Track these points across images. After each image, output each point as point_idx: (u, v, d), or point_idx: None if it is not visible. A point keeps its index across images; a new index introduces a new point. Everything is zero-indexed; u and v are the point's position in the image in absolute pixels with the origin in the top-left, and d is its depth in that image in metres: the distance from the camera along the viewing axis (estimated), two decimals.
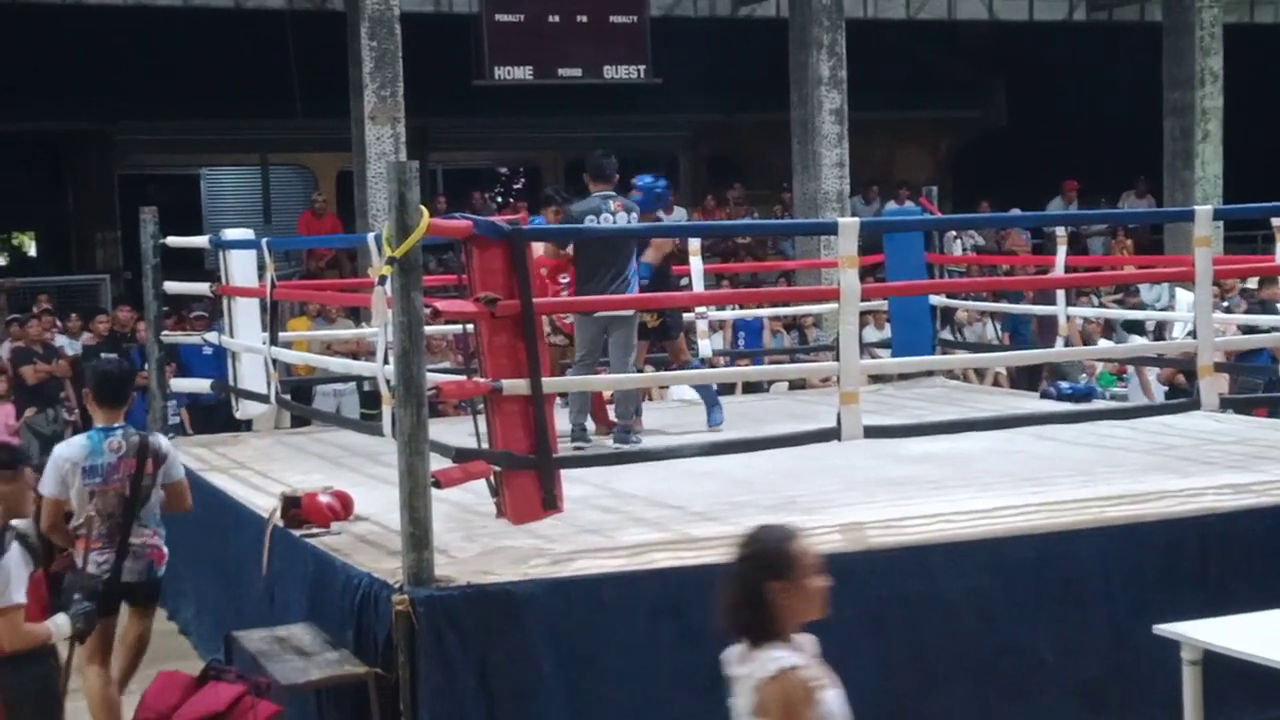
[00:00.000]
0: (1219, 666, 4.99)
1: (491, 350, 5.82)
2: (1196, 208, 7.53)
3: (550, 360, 7.54)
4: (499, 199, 21.62)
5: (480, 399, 5.92)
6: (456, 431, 6.75)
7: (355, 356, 10.42)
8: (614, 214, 8.06)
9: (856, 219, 7.17)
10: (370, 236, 7.02)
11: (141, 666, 6.86)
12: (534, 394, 5.80)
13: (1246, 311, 11.23)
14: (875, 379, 10.81)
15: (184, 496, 6.33)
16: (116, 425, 6.13)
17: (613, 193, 8.14)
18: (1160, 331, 12.83)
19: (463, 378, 6.26)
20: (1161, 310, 13.75)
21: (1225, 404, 7.57)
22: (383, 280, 5.65)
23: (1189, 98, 17.13)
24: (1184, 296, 12.06)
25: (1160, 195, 17.94)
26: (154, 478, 6.15)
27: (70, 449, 6.09)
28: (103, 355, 8.37)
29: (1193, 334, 10.66)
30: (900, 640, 5.83)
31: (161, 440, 6.23)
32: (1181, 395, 10.87)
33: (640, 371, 8.48)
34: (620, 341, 7.95)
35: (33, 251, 23.64)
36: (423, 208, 5.45)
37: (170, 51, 18.51)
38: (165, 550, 6.29)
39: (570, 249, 7.97)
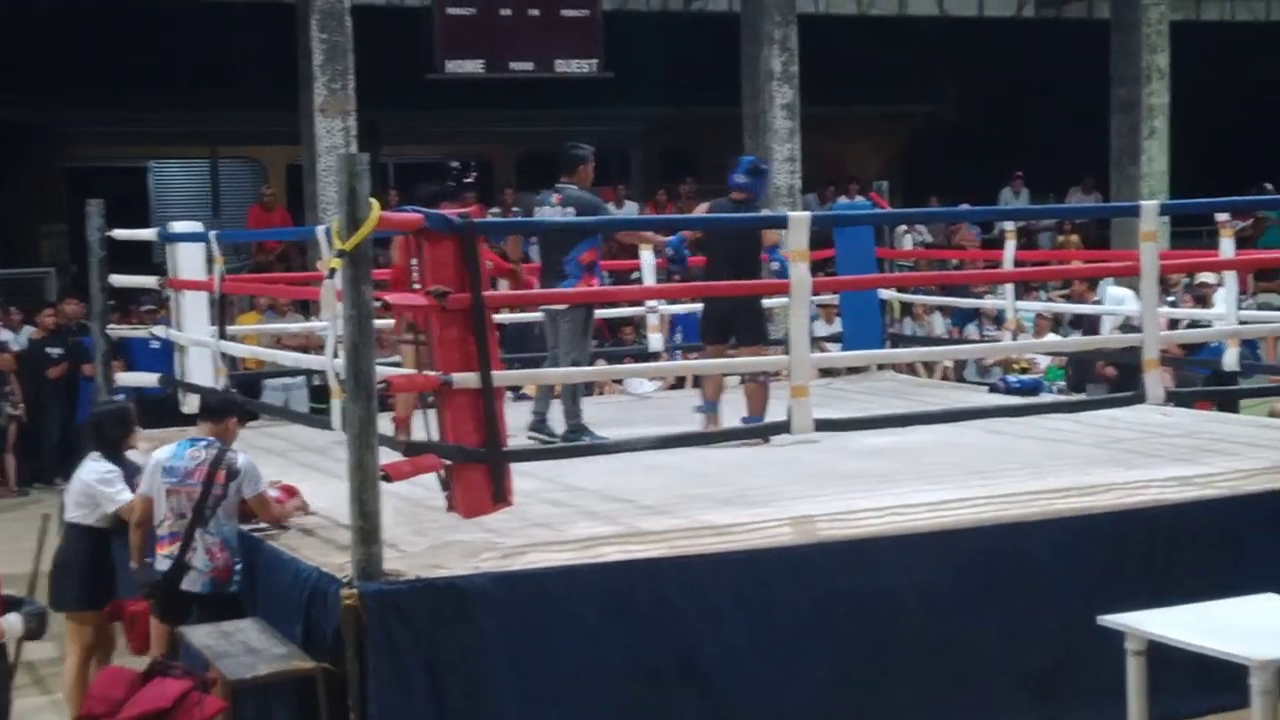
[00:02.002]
0: (1167, 656, 5.05)
1: (442, 344, 5.80)
2: (1143, 203, 7.60)
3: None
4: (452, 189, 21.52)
5: (431, 392, 5.91)
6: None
7: (305, 350, 10.36)
8: (551, 208, 7.97)
9: (807, 213, 7.18)
10: (320, 230, 6.98)
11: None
12: (484, 387, 5.78)
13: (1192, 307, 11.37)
14: (825, 373, 10.87)
15: (267, 507, 6.37)
16: (203, 439, 6.36)
17: (568, 184, 8.03)
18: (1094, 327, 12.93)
19: (412, 371, 6.24)
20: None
21: (1170, 397, 7.65)
22: (332, 273, 5.61)
23: (1136, 94, 17.28)
24: (1113, 292, 12.22)
25: (1107, 191, 18.09)
26: (225, 488, 6.22)
27: (161, 452, 6.39)
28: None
29: (1125, 329, 10.85)
30: (849, 632, 5.86)
31: (239, 458, 6.32)
32: (1114, 389, 11.04)
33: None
34: (566, 336, 7.89)
35: None
36: (373, 200, 5.42)
37: (118, 42, 18.33)
38: (235, 565, 6.24)
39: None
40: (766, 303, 11.55)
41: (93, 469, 6.78)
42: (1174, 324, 9.51)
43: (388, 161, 21.56)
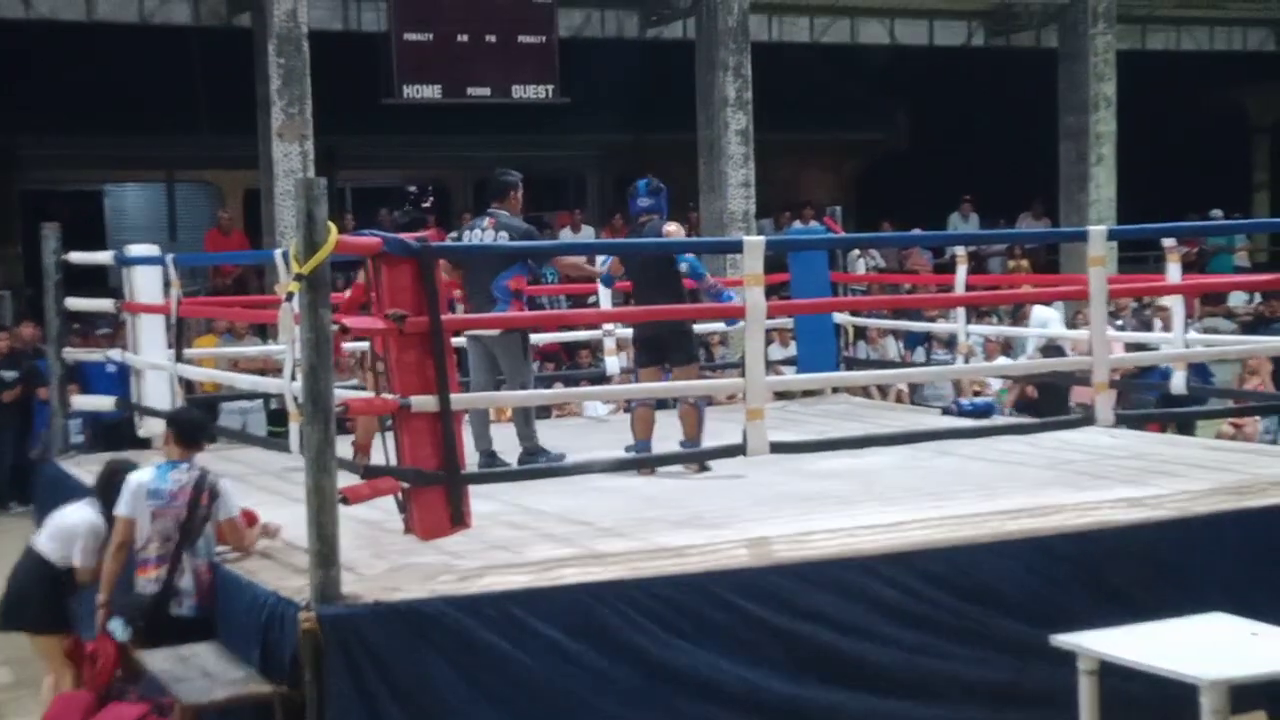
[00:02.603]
0: (1122, 676, 5.12)
1: (400, 367, 5.83)
2: (1090, 228, 7.73)
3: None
4: (406, 215, 21.54)
5: (389, 416, 5.93)
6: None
7: (262, 373, 10.34)
8: (484, 231, 7.91)
9: (762, 238, 7.26)
10: (278, 253, 7.00)
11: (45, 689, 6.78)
12: (442, 411, 5.81)
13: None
14: (780, 395, 10.94)
15: (238, 533, 6.36)
16: (184, 461, 6.35)
17: (498, 209, 7.99)
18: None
19: (370, 394, 6.26)
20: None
21: (1119, 420, 7.76)
22: (290, 296, 5.63)
23: (1083, 122, 17.54)
24: (1038, 313, 12.42)
25: (1056, 217, 18.32)
26: (208, 510, 6.24)
27: (142, 475, 6.34)
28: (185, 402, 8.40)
29: (1049, 350, 11.00)
30: (805, 653, 5.90)
31: (220, 481, 6.37)
32: (1030, 410, 11.22)
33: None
34: (507, 363, 7.80)
35: None
36: (331, 224, 5.45)
37: (74, 66, 18.24)
38: (212, 590, 6.24)
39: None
40: (722, 327, 11.67)
41: (84, 518, 6.74)
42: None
43: (345, 186, 21.55)
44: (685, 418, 8.20)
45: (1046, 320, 12.37)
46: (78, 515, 6.76)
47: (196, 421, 6.76)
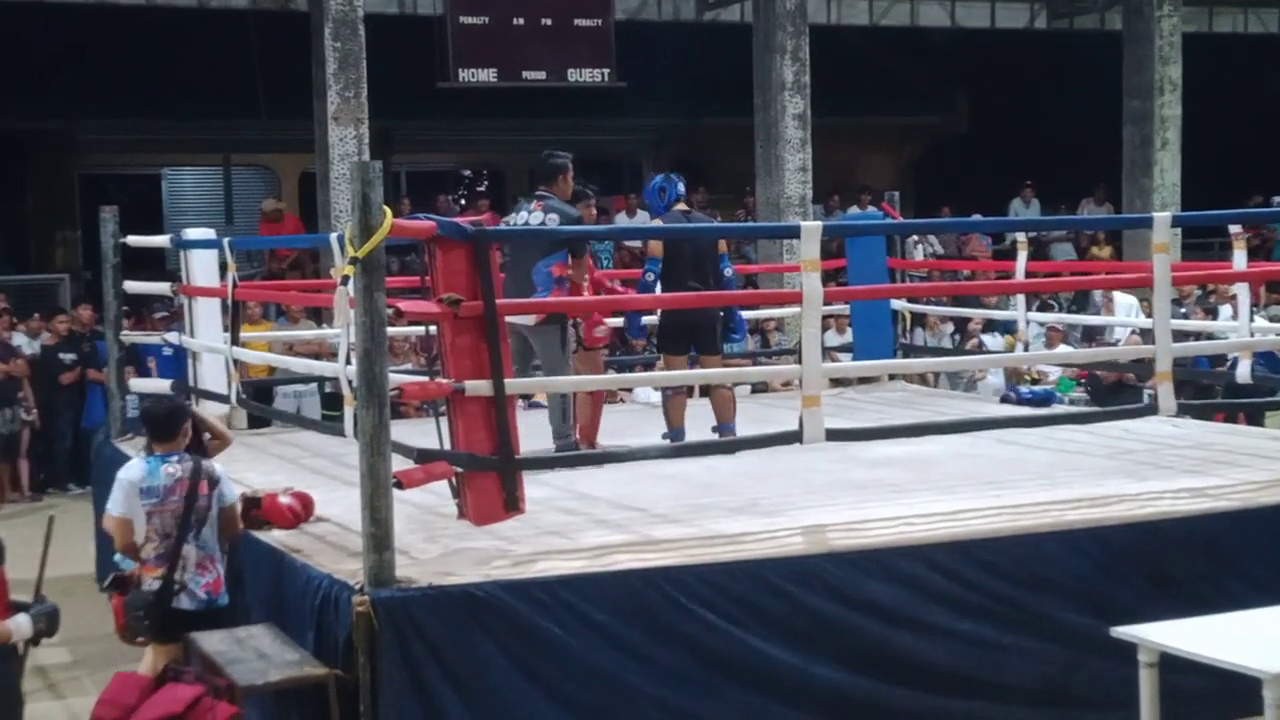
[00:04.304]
0: (1179, 668, 5.04)
1: (454, 351, 5.82)
2: (1155, 214, 7.62)
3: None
4: (462, 201, 21.57)
5: (443, 400, 5.92)
6: (419, 432, 6.72)
7: (317, 357, 10.38)
8: (530, 214, 7.78)
9: (819, 223, 7.20)
10: (333, 237, 7.00)
11: (103, 666, 6.83)
12: (496, 395, 5.80)
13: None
14: (837, 382, 10.87)
15: (234, 521, 6.35)
16: (173, 454, 6.23)
17: (547, 193, 7.85)
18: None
19: (424, 379, 6.25)
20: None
21: (1183, 409, 7.64)
22: (345, 280, 5.63)
23: (1148, 106, 17.27)
24: (1121, 300, 12.20)
25: (1119, 203, 18.08)
26: (209, 499, 6.17)
27: (130, 472, 6.20)
28: (156, 396, 8.26)
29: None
30: (857, 643, 5.85)
31: (215, 466, 6.32)
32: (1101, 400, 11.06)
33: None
34: (545, 355, 7.64)
35: None
36: (386, 208, 5.44)
37: (133, 51, 18.37)
38: (221, 577, 6.21)
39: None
40: (778, 312, 11.59)
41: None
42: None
43: (400, 170, 21.61)
44: (721, 402, 8.18)
45: (1131, 307, 12.12)
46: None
47: (166, 414, 6.42)
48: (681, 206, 8.29)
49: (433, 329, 5.98)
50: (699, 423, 8.29)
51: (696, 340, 8.21)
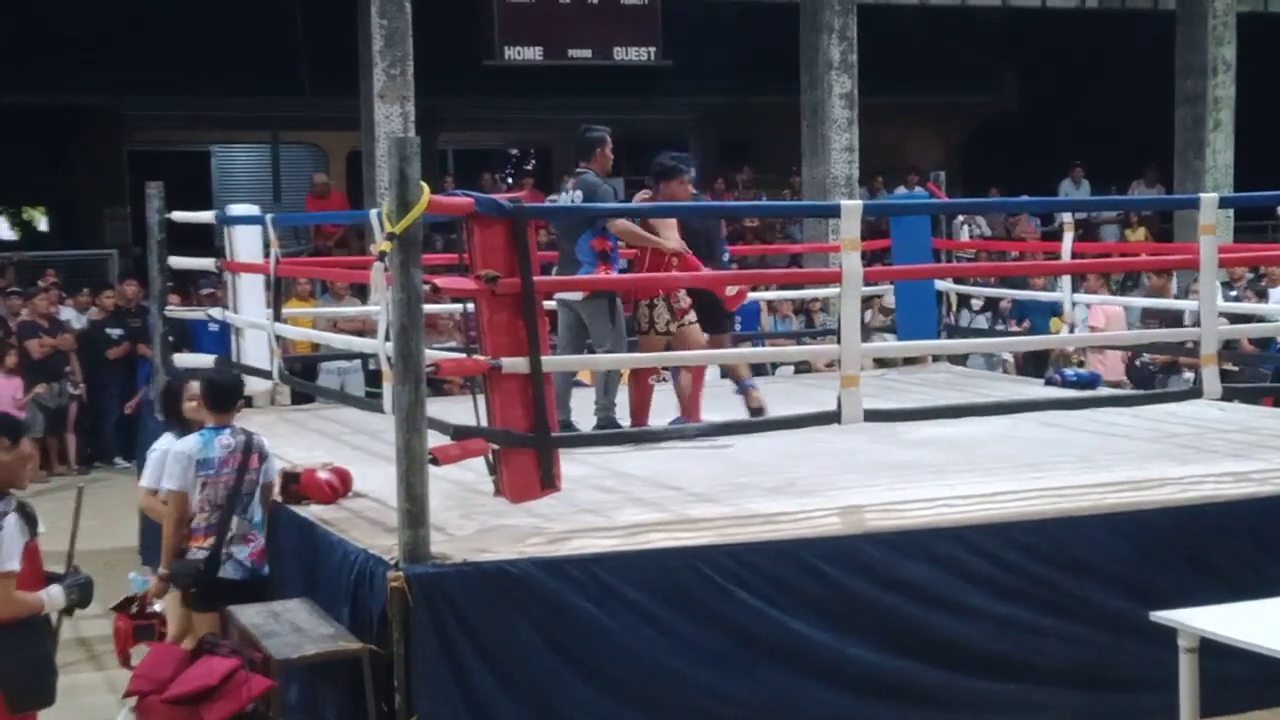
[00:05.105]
0: (1220, 654, 4.97)
1: (491, 328, 5.81)
2: (1202, 195, 7.49)
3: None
4: (509, 180, 21.58)
5: (481, 377, 5.91)
6: (460, 409, 6.73)
7: (361, 334, 10.42)
8: (568, 192, 7.75)
9: (859, 202, 7.14)
10: (373, 213, 7.01)
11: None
12: (533, 372, 5.79)
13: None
14: (880, 363, 10.81)
15: (270, 495, 6.50)
16: (225, 427, 6.36)
17: (585, 168, 7.80)
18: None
19: (463, 355, 6.25)
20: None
21: (1231, 393, 7.53)
22: (382, 256, 5.63)
23: (1201, 86, 17.04)
24: None
25: (1171, 184, 17.86)
26: (257, 473, 6.32)
27: (187, 444, 6.31)
28: (214, 366, 8.30)
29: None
30: (893, 624, 5.82)
31: (264, 441, 6.45)
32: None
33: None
34: (594, 328, 7.63)
35: (43, 226, 23.66)
36: (423, 184, 5.42)
37: (182, 28, 18.49)
38: (264, 548, 6.34)
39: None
40: (821, 293, 11.52)
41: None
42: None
43: (446, 148, 21.64)
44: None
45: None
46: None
47: (229, 384, 6.64)
48: (691, 189, 8.22)
49: (470, 306, 5.98)
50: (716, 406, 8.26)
51: (706, 321, 8.09)
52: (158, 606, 6.57)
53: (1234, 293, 11.91)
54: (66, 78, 18.36)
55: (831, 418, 6.46)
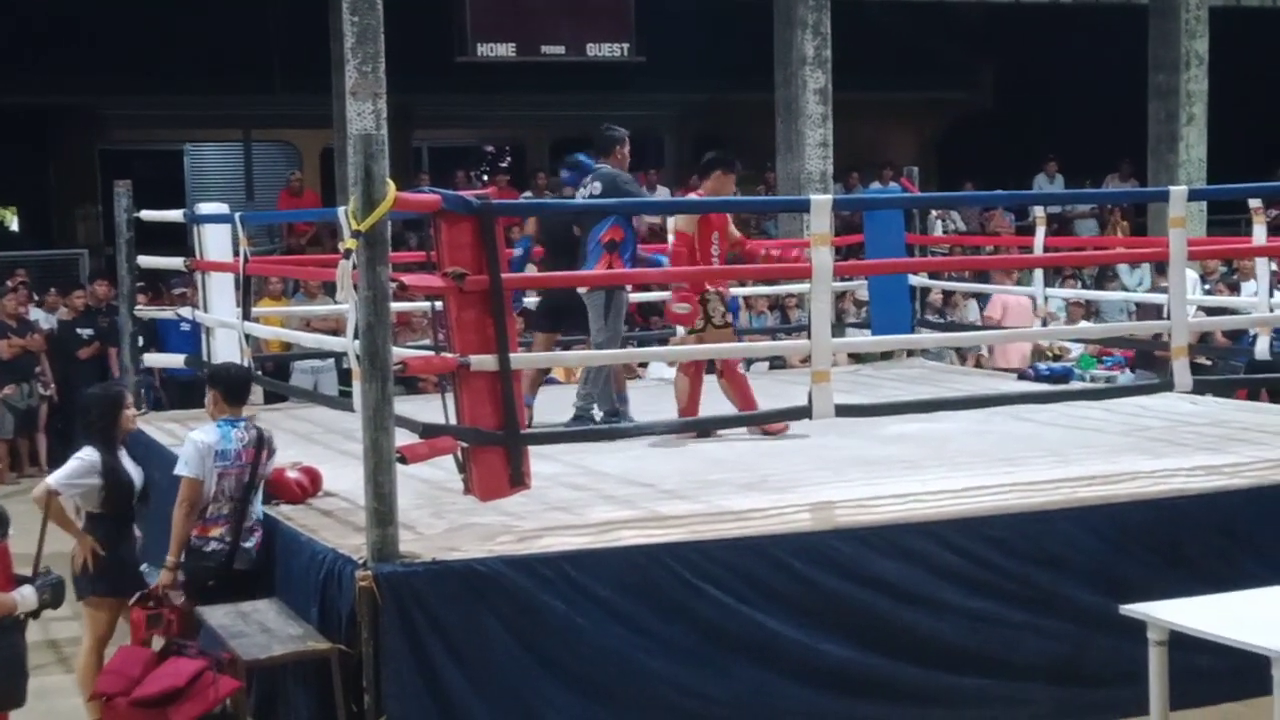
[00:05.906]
0: (1189, 647, 4.98)
1: (460, 326, 5.78)
2: (1171, 188, 7.50)
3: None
4: (484, 176, 21.52)
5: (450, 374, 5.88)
6: (432, 408, 6.69)
7: (335, 333, 10.35)
8: (586, 188, 7.93)
9: (829, 196, 7.13)
10: (340, 210, 6.97)
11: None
12: (502, 370, 5.76)
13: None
14: (855, 359, 10.80)
15: (267, 486, 6.56)
16: (239, 419, 6.41)
17: (603, 165, 7.98)
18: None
19: (430, 353, 6.22)
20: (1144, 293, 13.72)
21: (1205, 386, 7.54)
22: (348, 254, 5.60)
23: (1174, 81, 17.09)
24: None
25: (1145, 178, 17.91)
26: (265, 467, 6.40)
27: (208, 435, 6.33)
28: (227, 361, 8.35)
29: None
30: (865, 620, 5.80)
31: (273, 437, 6.54)
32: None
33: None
34: (593, 320, 7.81)
35: (15, 226, 23.52)
36: (390, 181, 5.40)
37: (153, 27, 18.38)
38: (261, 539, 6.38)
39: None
40: (796, 288, 11.49)
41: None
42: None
43: (421, 145, 21.58)
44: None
45: (1194, 283, 11.90)
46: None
47: (243, 378, 6.81)
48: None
49: (439, 304, 5.95)
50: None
51: (563, 320, 8.32)
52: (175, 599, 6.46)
53: (1207, 286, 11.94)
54: (39, 77, 18.25)
55: (802, 413, 6.45)
